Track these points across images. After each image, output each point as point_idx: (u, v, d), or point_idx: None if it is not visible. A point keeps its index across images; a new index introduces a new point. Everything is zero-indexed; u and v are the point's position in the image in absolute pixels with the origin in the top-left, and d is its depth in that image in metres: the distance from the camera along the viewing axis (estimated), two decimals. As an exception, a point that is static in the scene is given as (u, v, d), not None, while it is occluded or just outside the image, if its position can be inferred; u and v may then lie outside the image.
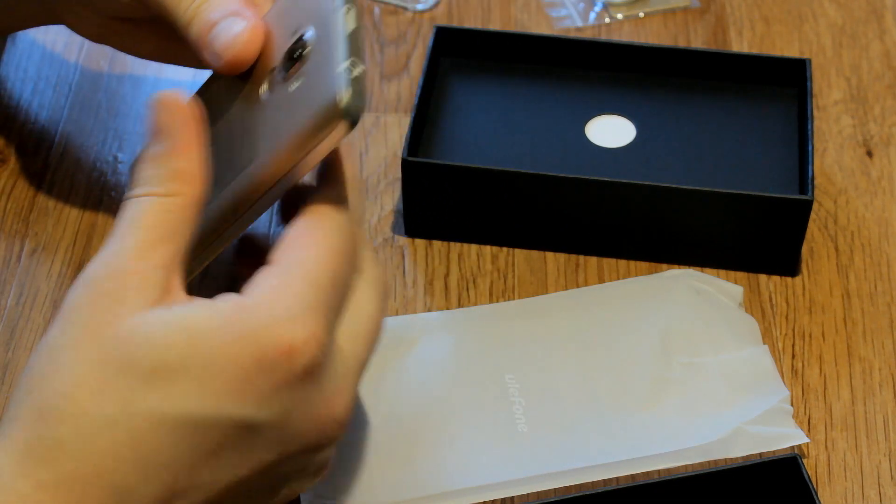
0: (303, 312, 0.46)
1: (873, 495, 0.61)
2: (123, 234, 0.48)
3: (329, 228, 0.49)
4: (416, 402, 0.63)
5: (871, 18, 0.82)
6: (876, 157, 0.74)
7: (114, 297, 0.46)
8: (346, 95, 0.48)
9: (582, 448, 0.61)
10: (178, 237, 0.48)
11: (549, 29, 0.82)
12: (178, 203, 0.49)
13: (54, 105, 0.76)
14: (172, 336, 0.46)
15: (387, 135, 0.75)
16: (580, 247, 0.70)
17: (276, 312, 0.46)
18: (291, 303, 0.47)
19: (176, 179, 0.49)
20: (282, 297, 0.47)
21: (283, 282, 0.47)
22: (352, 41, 0.49)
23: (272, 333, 0.46)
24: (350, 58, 0.48)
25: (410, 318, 0.66)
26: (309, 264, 0.48)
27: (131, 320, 0.46)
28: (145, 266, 0.47)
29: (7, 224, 0.71)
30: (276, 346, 0.46)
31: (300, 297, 0.47)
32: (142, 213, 0.48)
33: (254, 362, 0.46)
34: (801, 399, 0.64)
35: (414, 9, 0.82)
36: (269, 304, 0.46)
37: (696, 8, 0.83)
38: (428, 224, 0.70)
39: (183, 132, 0.50)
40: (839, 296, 0.68)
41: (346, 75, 0.48)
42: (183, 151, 0.49)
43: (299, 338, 0.46)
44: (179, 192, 0.49)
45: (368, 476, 0.60)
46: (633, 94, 0.74)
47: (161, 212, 0.48)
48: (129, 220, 0.48)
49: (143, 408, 0.45)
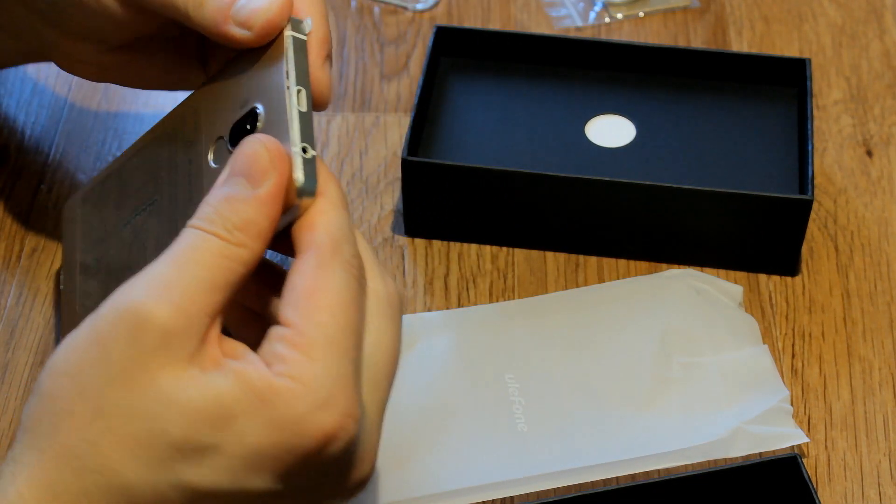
0: (336, 393, 0.45)
1: (873, 495, 0.61)
2: (181, 265, 0.46)
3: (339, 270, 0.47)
4: (415, 402, 0.63)
5: (871, 18, 0.82)
6: (876, 156, 0.74)
7: (159, 341, 0.45)
8: (301, 178, 0.48)
9: (582, 448, 0.61)
10: (229, 289, 0.47)
11: (549, 29, 0.82)
12: (242, 256, 0.47)
13: (54, 105, 0.76)
14: (206, 411, 0.45)
15: (387, 135, 0.75)
16: (580, 247, 0.70)
17: (309, 399, 0.45)
18: (322, 384, 0.45)
19: (247, 231, 0.47)
20: (312, 379, 0.45)
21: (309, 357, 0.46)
22: (303, 124, 0.50)
23: (308, 423, 0.45)
24: (303, 142, 0.49)
25: (410, 318, 0.66)
26: (331, 328, 0.46)
27: (169, 379, 0.45)
28: (196, 310, 0.46)
29: (7, 224, 0.71)
30: (312, 437, 0.45)
31: (330, 374, 0.45)
32: (203, 252, 0.46)
33: (288, 452, 0.45)
34: (800, 399, 0.64)
35: (414, 9, 0.82)
36: (302, 388, 0.45)
37: (696, 8, 0.83)
38: (428, 224, 0.70)
39: (272, 186, 0.48)
40: (839, 295, 0.68)
41: (299, 159, 0.49)
42: (265, 205, 0.47)
43: (336, 424, 0.45)
44: (246, 244, 0.47)
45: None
46: (633, 94, 0.74)
47: (223, 257, 0.46)
48: (190, 253, 0.46)
49: (173, 478, 0.45)
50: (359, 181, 0.73)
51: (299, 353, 0.46)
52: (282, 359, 0.46)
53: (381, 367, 0.49)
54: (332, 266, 0.47)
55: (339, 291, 0.47)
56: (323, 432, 0.45)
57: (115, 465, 0.45)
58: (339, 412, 0.45)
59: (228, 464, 0.45)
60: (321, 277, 0.47)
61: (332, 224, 0.48)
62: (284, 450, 0.45)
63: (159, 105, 0.77)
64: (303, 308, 0.46)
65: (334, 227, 0.48)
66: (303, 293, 0.47)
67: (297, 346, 0.46)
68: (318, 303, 0.46)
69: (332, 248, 0.48)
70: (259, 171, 0.48)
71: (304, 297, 0.47)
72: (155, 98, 0.77)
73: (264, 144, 0.48)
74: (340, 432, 0.45)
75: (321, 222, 0.48)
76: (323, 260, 0.47)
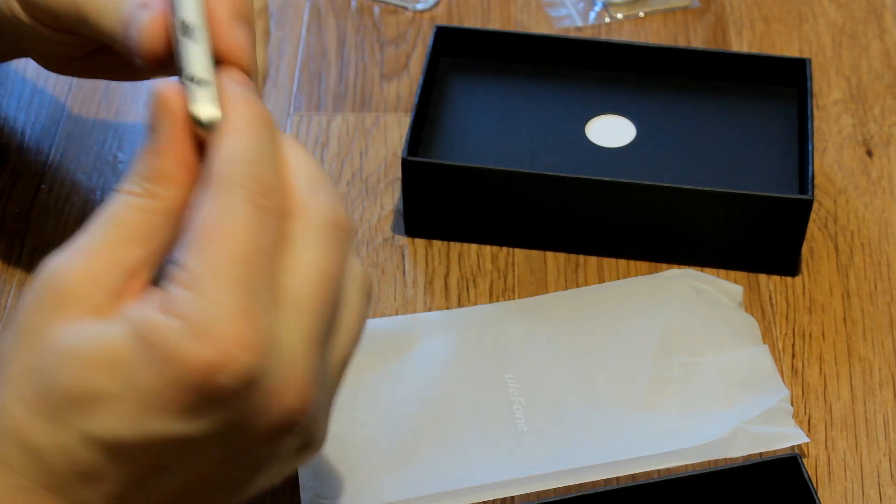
0: (218, 322, 0.44)
1: (873, 495, 0.61)
2: (93, 228, 0.46)
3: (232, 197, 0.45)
4: (416, 402, 0.63)
5: (871, 18, 0.82)
6: (876, 156, 0.74)
7: (59, 299, 0.45)
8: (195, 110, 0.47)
9: (582, 448, 0.61)
10: (151, 241, 0.46)
11: (549, 29, 0.82)
12: (155, 206, 0.46)
13: (54, 105, 0.76)
14: (94, 357, 0.44)
15: (387, 135, 0.75)
16: (580, 247, 0.70)
17: (187, 331, 0.44)
18: (201, 315, 0.44)
19: (156, 181, 0.46)
20: (191, 311, 0.44)
21: (192, 288, 0.44)
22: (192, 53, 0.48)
23: (187, 354, 0.43)
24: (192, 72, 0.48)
25: (410, 318, 0.66)
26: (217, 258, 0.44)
27: (65, 333, 0.45)
28: (101, 265, 0.45)
29: (7, 224, 0.71)
30: (192, 368, 0.43)
31: (212, 304, 0.44)
32: (116, 210, 0.46)
33: (177, 387, 0.44)
34: (801, 399, 0.64)
35: (414, 8, 0.82)
36: (180, 322, 0.44)
37: (696, 8, 0.83)
38: (428, 224, 0.70)
39: (167, 129, 0.47)
40: (839, 295, 0.68)
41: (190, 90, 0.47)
42: (165, 150, 0.47)
43: (218, 352, 0.43)
44: (159, 194, 0.46)
45: (368, 476, 0.60)
46: (633, 94, 0.74)
47: (135, 211, 0.46)
48: (102, 215, 0.46)
49: (75, 431, 0.44)
50: (359, 181, 0.73)
51: (183, 289, 0.44)
52: (169, 298, 0.44)
53: (305, 294, 0.46)
54: (224, 195, 0.45)
55: (228, 220, 0.45)
56: (203, 361, 0.43)
57: (24, 425, 0.45)
58: (221, 340, 0.43)
59: (124, 409, 0.44)
60: (210, 210, 0.45)
61: (227, 150, 0.46)
62: (171, 385, 0.44)
63: (159, 105, 0.77)
64: (190, 244, 0.45)
65: (229, 152, 0.46)
66: (192, 229, 0.45)
67: (182, 283, 0.44)
68: (204, 236, 0.45)
69: (224, 177, 0.46)
70: (153, 116, 0.47)
71: (192, 233, 0.45)
72: (155, 98, 0.77)
73: (155, 87, 0.47)
74: (226, 361, 0.43)
75: (216, 151, 0.46)
76: (214, 191, 0.45)
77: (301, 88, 0.78)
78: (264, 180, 0.46)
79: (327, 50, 0.80)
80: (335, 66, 0.79)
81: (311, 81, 0.78)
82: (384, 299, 0.68)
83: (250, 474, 0.48)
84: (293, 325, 0.46)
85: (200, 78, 0.47)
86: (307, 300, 0.46)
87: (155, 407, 0.44)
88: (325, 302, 0.46)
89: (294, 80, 0.78)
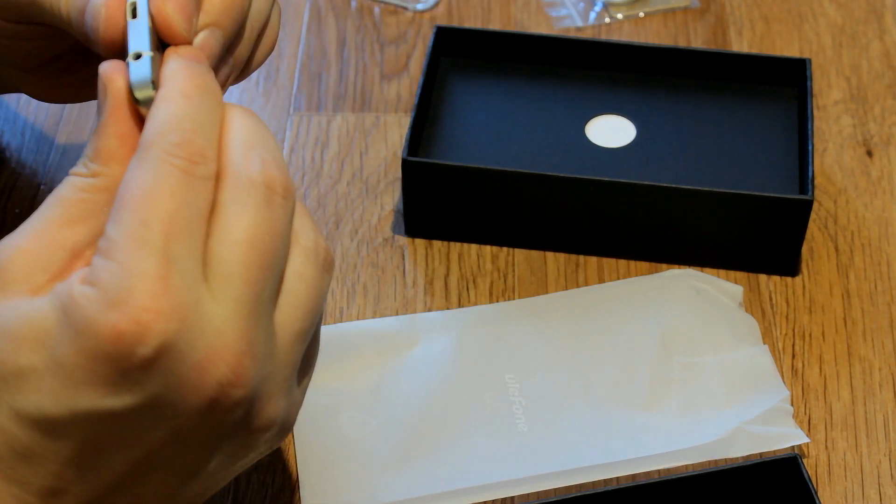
0: (132, 290, 0.42)
1: (873, 495, 0.61)
2: (38, 211, 0.46)
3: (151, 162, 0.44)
4: (416, 402, 0.63)
5: (871, 18, 0.82)
6: (876, 156, 0.74)
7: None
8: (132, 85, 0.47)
9: (582, 448, 0.61)
10: (94, 219, 0.46)
11: (549, 29, 0.82)
12: (97, 184, 0.46)
13: (54, 105, 0.76)
14: (22, 332, 0.44)
15: (387, 135, 0.75)
16: (580, 247, 0.70)
17: (101, 297, 0.43)
18: (115, 283, 0.43)
19: (97, 159, 0.46)
20: (106, 277, 0.43)
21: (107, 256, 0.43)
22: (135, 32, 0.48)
23: (100, 323, 0.42)
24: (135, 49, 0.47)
25: (410, 318, 0.66)
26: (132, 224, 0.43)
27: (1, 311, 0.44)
28: (44, 246, 0.45)
29: (7, 224, 0.71)
30: (106, 337, 0.42)
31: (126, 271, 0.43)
32: (62, 191, 0.46)
33: (91, 357, 0.43)
34: (801, 399, 0.64)
35: (414, 9, 0.82)
36: (96, 288, 0.43)
37: (696, 8, 0.83)
38: (428, 224, 0.70)
39: (108, 108, 0.47)
40: (839, 296, 0.68)
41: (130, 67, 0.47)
42: (105, 129, 0.46)
43: (130, 320, 0.42)
44: (100, 172, 0.46)
45: (368, 476, 0.60)
46: (633, 94, 0.74)
47: (79, 191, 0.46)
48: (49, 198, 0.46)
49: (4, 405, 0.44)
50: (359, 181, 0.73)
51: (102, 258, 0.44)
52: (91, 268, 0.44)
53: (232, 259, 0.44)
54: (144, 160, 0.44)
55: (144, 186, 0.44)
56: (115, 330, 0.42)
57: None
58: (134, 308, 0.42)
59: (49, 384, 0.44)
60: (134, 177, 0.44)
61: (155, 118, 0.45)
62: (88, 356, 0.43)
63: (159, 105, 0.77)
64: (114, 213, 0.44)
65: (157, 120, 0.45)
66: (118, 198, 0.44)
67: (102, 252, 0.44)
68: (125, 204, 0.44)
69: (149, 142, 0.45)
70: (99, 96, 0.47)
71: (117, 201, 0.44)
72: (155, 98, 0.77)
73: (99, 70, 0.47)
74: (139, 329, 0.42)
75: (147, 123, 0.46)
76: (139, 158, 0.45)
77: (301, 88, 0.78)
78: (193, 146, 0.45)
79: (327, 50, 0.80)
80: (335, 66, 0.79)
81: (311, 81, 0.78)
82: (384, 299, 0.68)
83: (201, 456, 0.47)
84: (221, 294, 0.44)
85: (138, 53, 0.47)
86: (235, 266, 0.44)
87: (77, 380, 0.43)
88: (256, 269, 0.44)
89: (294, 80, 0.78)
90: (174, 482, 0.47)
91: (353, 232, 0.71)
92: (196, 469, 0.47)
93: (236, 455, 0.48)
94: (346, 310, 0.67)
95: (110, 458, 0.45)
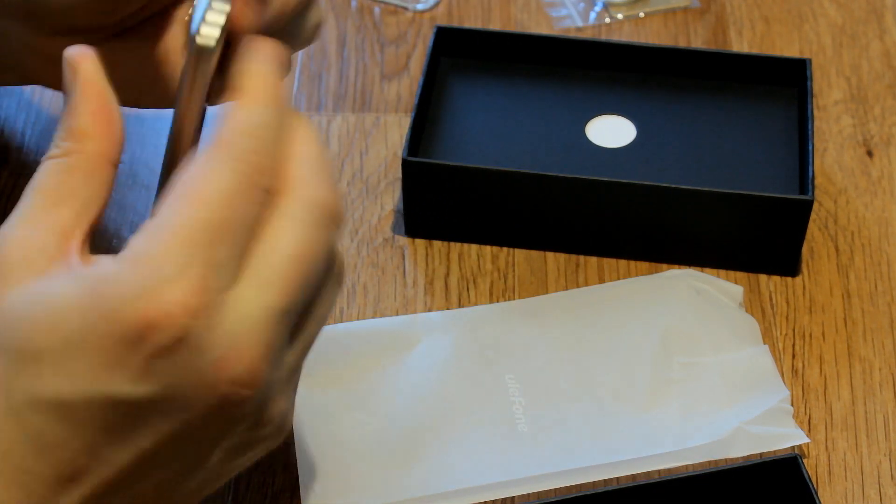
0: (165, 280, 0.43)
1: (873, 495, 0.61)
2: (21, 200, 0.46)
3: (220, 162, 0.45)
4: (416, 402, 0.63)
5: (871, 18, 0.82)
6: (876, 156, 0.74)
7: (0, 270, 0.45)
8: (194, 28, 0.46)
9: (582, 448, 0.61)
10: (75, 198, 0.46)
11: (549, 29, 0.82)
12: (73, 163, 0.46)
13: (54, 105, 0.76)
14: (37, 315, 0.44)
15: (387, 135, 0.75)
16: (580, 247, 0.70)
17: (134, 283, 0.43)
18: (153, 269, 0.43)
19: (70, 138, 0.46)
20: (144, 264, 0.43)
21: (150, 243, 0.44)
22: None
23: (129, 308, 0.43)
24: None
25: (410, 318, 0.66)
26: (183, 216, 0.44)
27: (10, 295, 0.44)
28: (34, 232, 0.45)
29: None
30: (134, 322, 0.43)
31: (166, 259, 0.43)
32: (39, 177, 0.46)
33: (114, 341, 0.43)
34: (801, 399, 0.64)
35: (414, 9, 0.82)
36: (130, 273, 0.43)
37: (696, 8, 0.83)
38: (428, 224, 0.70)
39: (77, 88, 0.47)
40: (839, 296, 0.68)
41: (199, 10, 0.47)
42: (76, 108, 0.47)
43: (160, 309, 0.42)
44: (75, 150, 0.46)
45: (368, 476, 0.60)
46: (633, 94, 0.74)
47: (56, 173, 0.46)
48: (29, 186, 0.46)
49: (19, 389, 0.44)
50: (359, 181, 0.73)
51: (143, 240, 0.44)
52: (128, 246, 0.44)
53: (274, 269, 0.45)
54: (212, 160, 0.45)
55: (206, 184, 0.44)
56: (144, 317, 0.43)
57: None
58: (167, 300, 0.43)
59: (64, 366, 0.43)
60: (197, 171, 0.45)
61: (234, 120, 0.46)
62: (112, 338, 0.43)
63: (159, 105, 0.77)
64: (166, 199, 0.44)
65: (235, 121, 0.46)
66: (173, 186, 0.45)
67: (144, 233, 0.44)
68: (181, 194, 0.44)
69: (221, 142, 0.45)
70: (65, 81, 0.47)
71: (172, 188, 0.45)
72: (155, 98, 0.77)
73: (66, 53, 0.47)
74: (167, 320, 0.43)
75: (224, 120, 0.46)
76: (208, 155, 0.45)
77: (301, 88, 0.78)
78: (265, 158, 0.45)
79: (327, 50, 0.80)
80: (335, 66, 0.79)
81: (311, 81, 0.78)
82: (384, 299, 0.68)
83: (204, 452, 0.47)
84: (255, 298, 0.45)
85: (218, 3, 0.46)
86: (276, 276, 0.45)
87: (96, 363, 0.43)
88: (297, 283, 0.45)
89: (294, 80, 0.78)
90: (174, 476, 0.47)
91: (353, 232, 0.71)
92: (196, 464, 0.47)
93: (236, 452, 0.48)
94: (346, 310, 0.67)
95: (120, 448, 0.45)
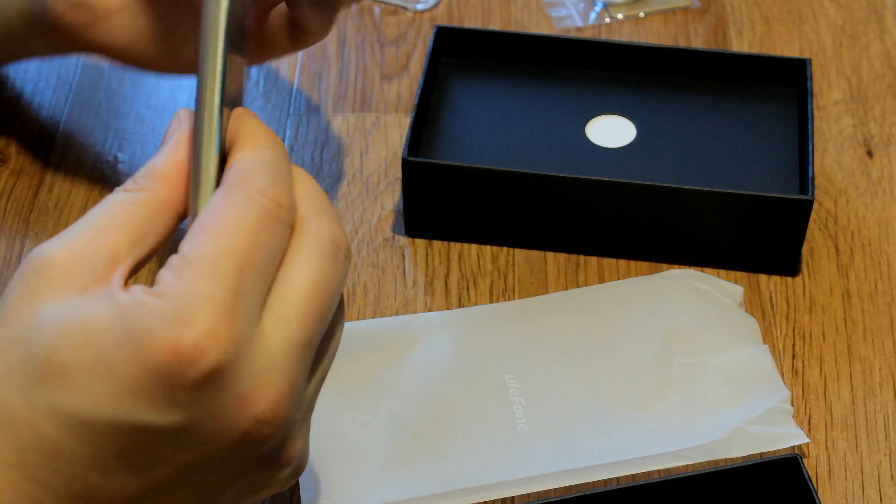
0: (197, 312, 0.44)
1: (873, 495, 0.61)
2: (83, 217, 0.47)
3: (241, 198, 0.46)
4: (416, 402, 0.63)
5: (871, 18, 0.82)
6: (876, 156, 0.74)
7: (42, 277, 0.46)
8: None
9: (582, 448, 0.61)
10: (134, 230, 0.47)
11: (549, 29, 0.82)
12: (143, 199, 0.47)
13: (54, 105, 0.76)
14: (71, 329, 0.44)
15: (387, 135, 0.75)
16: (580, 247, 0.70)
17: (168, 313, 0.44)
18: (183, 301, 0.44)
19: (148, 177, 0.48)
20: (174, 295, 0.44)
21: (180, 275, 0.45)
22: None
23: (161, 337, 0.44)
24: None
25: (410, 318, 0.66)
26: (211, 250, 0.45)
27: (47, 307, 0.45)
28: (85, 249, 0.46)
29: (7, 224, 0.71)
30: (164, 352, 0.43)
31: (196, 292, 0.44)
32: (107, 202, 0.48)
33: (143, 368, 0.44)
34: (801, 399, 0.64)
35: (414, 9, 0.82)
36: (164, 303, 0.44)
37: (696, 8, 0.83)
38: (428, 224, 0.70)
39: (175, 138, 0.49)
40: (839, 296, 0.68)
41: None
42: (164, 154, 0.49)
43: (190, 341, 0.43)
44: (148, 188, 0.48)
45: (368, 476, 0.60)
46: (633, 94, 0.74)
47: (124, 203, 0.47)
48: (96, 207, 0.48)
49: (41, 401, 0.44)
50: (359, 181, 0.73)
51: (173, 274, 0.45)
52: (158, 280, 0.45)
53: (293, 304, 0.46)
54: (234, 195, 0.46)
55: (231, 217, 0.46)
56: (175, 347, 0.43)
57: (5, 397, 0.45)
58: (196, 331, 0.43)
59: (89, 385, 0.44)
60: (218, 206, 0.46)
61: (250, 158, 0.48)
62: (140, 367, 0.44)
63: (160, 105, 0.77)
64: (194, 234, 0.46)
65: (252, 160, 0.48)
66: (200, 221, 0.46)
67: (173, 267, 0.45)
68: (209, 228, 0.45)
69: (239, 179, 0.47)
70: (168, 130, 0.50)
71: (199, 224, 0.46)
72: (155, 98, 0.77)
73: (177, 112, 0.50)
74: (197, 353, 0.43)
75: (239, 158, 0.48)
76: (231, 190, 0.47)
77: (301, 88, 0.78)
78: (280, 193, 0.47)
79: (327, 50, 0.80)
80: (335, 66, 0.79)
81: (311, 81, 0.78)
82: (384, 299, 0.68)
83: (219, 485, 0.47)
84: (277, 333, 0.46)
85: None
86: (295, 310, 0.46)
87: (122, 388, 0.44)
88: (314, 316, 0.47)
89: (294, 80, 0.78)
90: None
91: (353, 232, 0.71)
92: (210, 498, 0.48)
93: (250, 489, 0.49)
94: (346, 310, 0.67)
95: (134, 473, 0.46)
